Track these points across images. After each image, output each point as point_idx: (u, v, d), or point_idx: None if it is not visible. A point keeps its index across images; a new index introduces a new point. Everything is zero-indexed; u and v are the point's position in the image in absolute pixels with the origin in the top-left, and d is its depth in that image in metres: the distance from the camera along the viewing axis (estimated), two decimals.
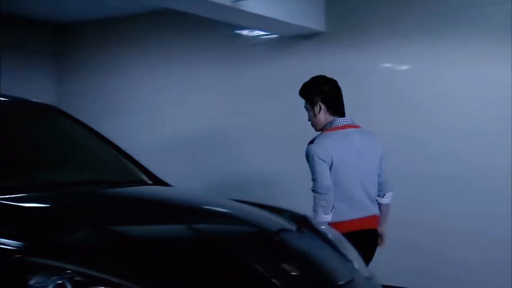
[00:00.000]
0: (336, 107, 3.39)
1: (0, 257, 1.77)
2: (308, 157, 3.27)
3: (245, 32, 6.05)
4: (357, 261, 2.55)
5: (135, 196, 2.85)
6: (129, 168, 3.18)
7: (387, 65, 5.27)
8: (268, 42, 5.91)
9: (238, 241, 2.32)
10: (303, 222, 2.76)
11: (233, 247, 2.23)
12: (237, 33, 6.07)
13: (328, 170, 3.21)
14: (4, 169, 2.88)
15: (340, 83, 3.34)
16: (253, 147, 5.88)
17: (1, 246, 1.81)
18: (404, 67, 5.19)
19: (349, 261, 2.50)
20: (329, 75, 5.45)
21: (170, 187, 3.13)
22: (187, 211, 2.65)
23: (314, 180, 3.25)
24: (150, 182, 3.12)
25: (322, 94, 3.37)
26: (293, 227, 2.68)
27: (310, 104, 3.41)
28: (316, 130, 3.43)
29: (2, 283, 1.68)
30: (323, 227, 2.82)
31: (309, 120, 3.46)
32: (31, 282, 1.67)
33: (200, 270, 1.98)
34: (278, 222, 2.68)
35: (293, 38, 5.66)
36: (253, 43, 6.03)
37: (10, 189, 2.59)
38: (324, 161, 3.21)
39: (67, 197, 2.59)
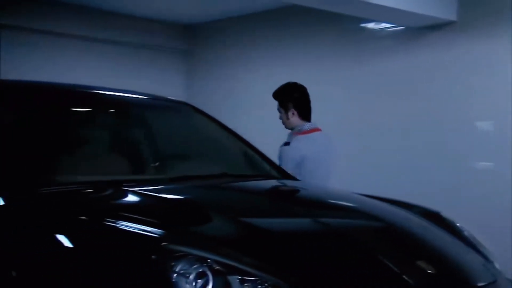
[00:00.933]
0: (306, 113, 3.96)
1: (146, 243, 1.89)
2: (282, 157, 3.78)
3: (370, 25, 5.93)
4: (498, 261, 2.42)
5: (265, 189, 2.91)
6: (258, 162, 3.26)
7: None
8: (394, 34, 5.75)
9: (366, 235, 2.28)
10: (436, 219, 2.67)
11: (361, 241, 2.20)
12: (361, 26, 5.97)
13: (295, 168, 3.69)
14: (145, 163, 3.08)
15: (474, 75, 3.19)
16: (376, 143, 5.74)
17: (147, 233, 1.92)
18: None
19: (489, 261, 2.37)
20: (461, 67, 5.24)
21: (298, 181, 3.16)
22: (316, 205, 2.67)
23: None
24: (278, 176, 3.17)
25: (294, 101, 3.92)
26: (425, 223, 2.59)
27: (283, 107, 3.94)
28: (287, 128, 3.98)
29: (148, 268, 1.79)
30: (458, 224, 2.70)
31: (280, 118, 3.99)
32: (176, 269, 1.75)
33: (331, 264, 1.99)
34: (409, 217, 2.61)
35: (421, 30, 5.46)
36: (378, 36, 5.89)
37: (151, 181, 2.78)
38: (294, 160, 3.75)
39: (201, 189, 2.71)
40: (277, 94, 4.01)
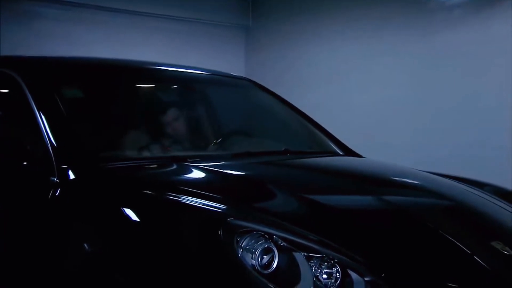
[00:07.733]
0: None
1: (212, 219, 1.89)
2: None
3: None
4: None
5: (328, 166, 2.86)
6: (321, 139, 3.21)
7: None
8: (465, 3, 5.49)
9: (434, 214, 2.22)
10: (510, 198, 2.55)
11: (428, 220, 2.13)
12: None
13: None
14: (208, 139, 3.10)
15: None
16: (444, 122, 5.53)
17: (212, 208, 1.92)
18: None
19: None
20: None
21: (362, 158, 3.09)
22: (381, 182, 2.60)
23: None
24: (341, 153, 3.11)
25: None
26: (498, 202, 2.49)
27: None
28: None
29: (214, 243, 1.79)
30: None
31: None
32: (242, 244, 1.75)
33: (397, 243, 1.95)
34: (480, 196, 2.52)
35: None
36: (448, 5, 5.64)
37: (215, 157, 2.78)
38: None
39: (264, 166, 2.69)
40: None
